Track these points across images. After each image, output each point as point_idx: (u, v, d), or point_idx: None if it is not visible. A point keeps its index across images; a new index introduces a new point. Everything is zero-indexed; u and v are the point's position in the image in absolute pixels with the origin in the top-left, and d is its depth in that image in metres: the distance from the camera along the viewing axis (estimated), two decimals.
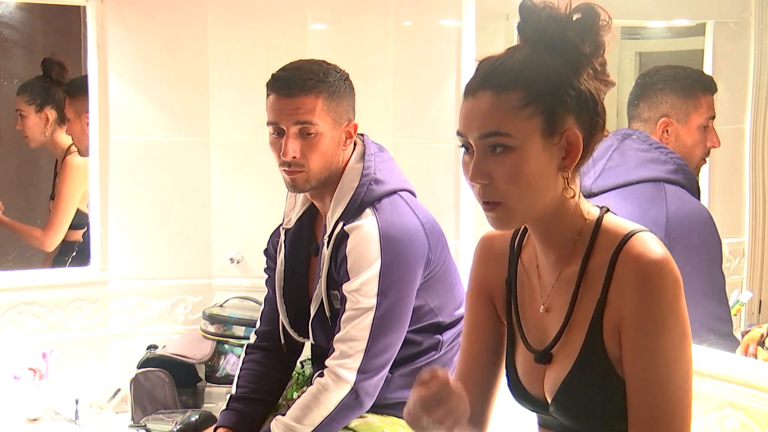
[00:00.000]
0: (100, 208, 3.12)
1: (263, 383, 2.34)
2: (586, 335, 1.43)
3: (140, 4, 3.09)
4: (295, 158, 2.14)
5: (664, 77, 2.24)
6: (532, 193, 1.40)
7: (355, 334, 2.09)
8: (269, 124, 2.18)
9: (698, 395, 1.93)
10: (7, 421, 2.87)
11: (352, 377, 2.08)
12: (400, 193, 2.20)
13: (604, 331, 1.42)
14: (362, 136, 2.27)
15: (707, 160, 2.22)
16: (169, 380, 2.92)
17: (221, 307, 3.13)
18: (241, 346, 2.68)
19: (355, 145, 2.24)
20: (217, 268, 3.21)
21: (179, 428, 2.63)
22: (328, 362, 2.11)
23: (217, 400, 2.90)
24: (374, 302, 2.09)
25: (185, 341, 3.07)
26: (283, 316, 2.33)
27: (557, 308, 1.49)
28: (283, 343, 2.36)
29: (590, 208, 1.48)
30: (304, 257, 2.32)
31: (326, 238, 2.17)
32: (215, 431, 2.28)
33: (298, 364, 2.50)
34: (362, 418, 2.17)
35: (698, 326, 1.97)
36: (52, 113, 3.46)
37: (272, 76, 2.19)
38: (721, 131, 2.18)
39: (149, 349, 3.08)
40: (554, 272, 1.49)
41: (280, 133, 2.16)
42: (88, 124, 3.15)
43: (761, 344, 1.92)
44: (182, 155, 3.17)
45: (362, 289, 2.09)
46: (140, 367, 2.97)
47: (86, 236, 3.23)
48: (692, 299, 1.97)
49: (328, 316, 2.20)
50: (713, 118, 2.18)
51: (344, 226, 2.14)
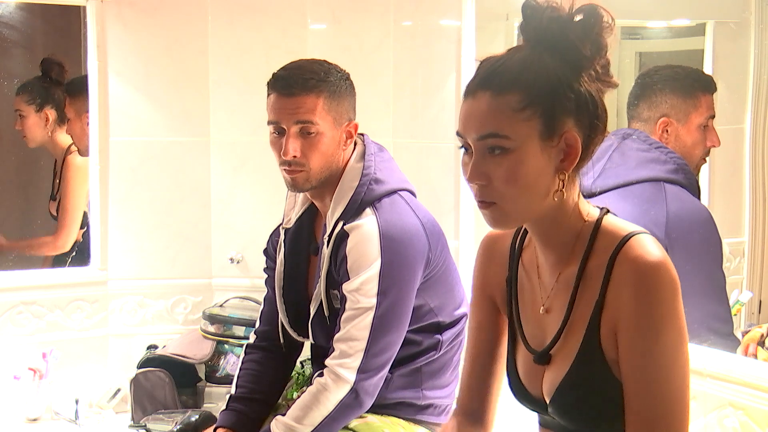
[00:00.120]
0: (100, 208, 3.13)
1: (263, 383, 2.33)
2: (583, 337, 1.43)
3: (140, 4, 3.09)
4: (295, 158, 2.14)
5: (663, 77, 2.24)
6: (529, 194, 1.39)
7: (355, 333, 2.09)
8: (270, 123, 2.18)
9: (698, 395, 1.93)
10: (7, 421, 2.87)
11: (351, 377, 2.08)
12: (400, 192, 2.20)
13: (601, 333, 1.42)
14: (362, 135, 2.27)
15: (707, 159, 2.22)
16: (169, 380, 2.92)
17: (221, 307, 3.13)
18: (241, 346, 2.68)
19: (355, 144, 2.24)
20: (217, 268, 3.22)
21: (179, 428, 2.63)
22: (327, 362, 2.11)
23: (217, 400, 2.90)
24: (374, 302, 2.09)
25: (185, 341, 3.07)
26: (282, 315, 2.33)
27: (557, 309, 1.49)
28: (282, 342, 2.36)
29: (590, 209, 1.48)
30: (303, 257, 2.32)
31: (326, 237, 2.17)
32: (215, 431, 2.28)
33: (298, 364, 2.49)
34: (362, 418, 2.17)
35: (699, 326, 1.98)
36: (51, 113, 3.45)
37: (273, 75, 2.19)
38: (721, 131, 2.18)
39: (149, 349, 3.08)
40: (554, 273, 1.49)
41: (280, 132, 2.16)
42: (88, 123, 3.16)
43: (761, 344, 1.91)
44: (182, 155, 3.17)
45: (362, 288, 2.09)
46: (140, 367, 2.97)
47: (86, 236, 3.23)
48: (692, 299, 1.98)
49: (327, 315, 2.20)
50: (713, 117, 2.18)
51: (344, 225, 2.14)
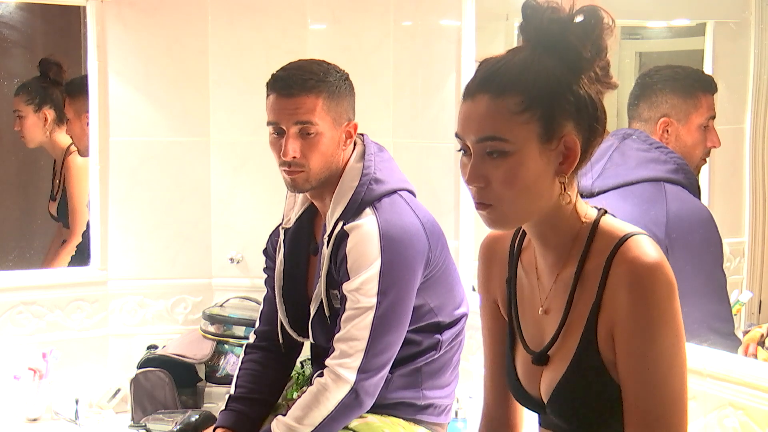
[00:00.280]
0: (100, 208, 3.13)
1: (262, 383, 2.33)
2: (581, 338, 1.43)
3: (140, 4, 3.09)
4: (295, 158, 2.14)
5: (664, 77, 2.23)
6: (527, 197, 1.39)
7: (355, 333, 2.09)
8: (269, 124, 2.18)
9: (698, 395, 1.93)
10: (7, 421, 2.87)
11: (352, 377, 2.08)
12: (400, 192, 2.19)
13: (598, 334, 1.41)
14: (362, 135, 2.27)
15: (707, 160, 2.22)
16: (169, 380, 2.92)
17: (221, 307, 3.14)
18: (241, 346, 2.68)
19: (355, 144, 2.24)
20: (217, 268, 3.22)
21: (179, 428, 2.63)
22: (328, 362, 2.11)
23: (217, 400, 2.90)
24: (374, 301, 2.09)
25: (185, 341, 3.07)
26: (282, 315, 2.33)
27: (555, 310, 1.48)
28: (281, 342, 2.36)
29: (588, 210, 1.47)
30: (303, 257, 2.31)
31: (326, 237, 2.17)
32: (214, 431, 2.28)
33: (298, 364, 2.49)
34: (362, 418, 2.17)
35: (699, 326, 1.97)
36: (50, 113, 3.46)
37: (272, 76, 2.18)
38: (721, 131, 2.18)
39: (149, 349, 3.08)
40: (552, 274, 1.49)
41: (280, 133, 2.16)
42: (87, 123, 3.16)
43: (761, 344, 1.91)
44: (182, 155, 3.17)
45: (362, 288, 2.09)
46: (140, 367, 2.97)
47: (86, 236, 3.23)
48: (693, 299, 1.98)
49: (327, 315, 2.19)
50: (713, 117, 2.18)
51: (344, 225, 2.14)
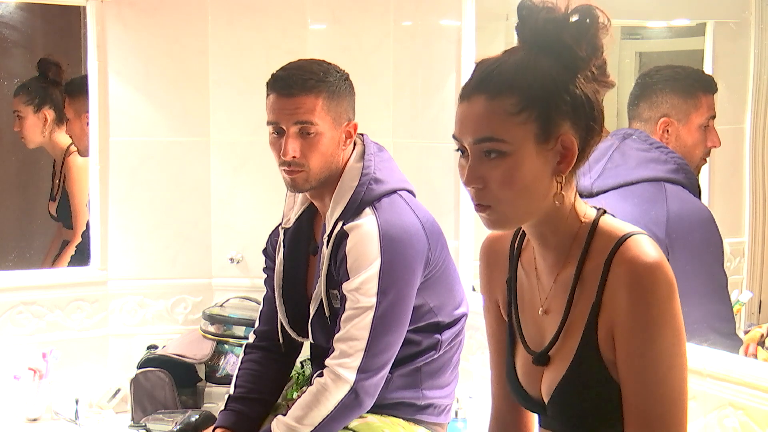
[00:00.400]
0: (100, 208, 3.13)
1: (262, 383, 2.33)
2: (581, 338, 1.43)
3: (140, 4, 3.09)
4: (295, 158, 2.14)
5: (664, 77, 2.23)
6: (525, 197, 1.39)
7: (354, 333, 2.09)
8: (269, 123, 2.18)
9: (698, 395, 1.93)
10: (7, 421, 2.87)
11: (351, 377, 2.08)
12: (399, 192, 2.19)
13: (599, 334, 1.41)
14: (362, 135, 2.27)
15: (707, 160, 2.22)
16: (169, 380, 2.92)
17: (221, 307, 3.14)
18: (241, 346, 2.68)
19: (354, 144, 2.24)
20: (217, 268, 3.22)
21: (179, 428, 2.63)
22: (327, 362, 2.11)
23: (217, 400, 2.90)
24: (374, 301, 2.09)
25: (185, 341, 3.07)
26: (282, 315, 2.33)
27: (555, 310, 1.48)
28: (281, 342, 2.36)
29: (587, 210, 1.47)
30: (303, 257, 2.31)
31: (326, 237, 2.17)
32: (214, 431, 2.28)
33: (298, 363, 2.49)
34: (362, 418, 2.16)
35: (700, 326, 1.97)
36: (50, 113, 3.45)
37: (272, 75, 2.18)
38: (721, 131, 2.18)
39: (149, 349, 3.08)
40: (552, 274, 1.49)
41: (279, 132, 2.16)
42: (87, 123, 3.16)
43: (761, 344, 1.91)
44: (182, 155, 3.17)
45: (362, 288, 2.09)
46: (140, 367, 2.97)
47: (86, 236, 3.23)
48: (694, 298, 1.98)
49: (327, 315, 2.19)
50: (714, 117, 2.18)
51: (344, 225, 2.14)
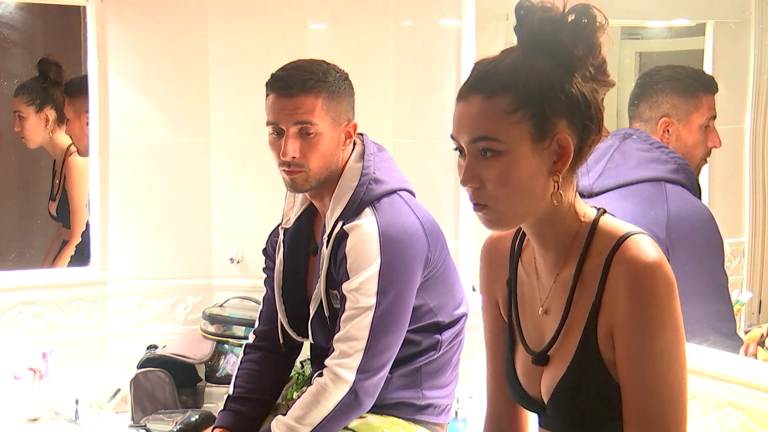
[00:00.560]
0: (100, 208, 3.13)
1: (261, 383, 2.33)
2: (581, 338, 1.43)
3: (140, 4, 3.09)
4: (294, 158, 2.14)
5: (664, 77, 2.23)
6: (521, 196, 1.39)
7: (354, 333, 2.09)
8: (269, 124, 2.17)
9: (698, 395, 1.93)
10: (7, 421, 2.87)
11: (351, 377, 2.08)
12: (399, 192, 2.19)
13: (598, 334, 1.41)
14: (361, 135, 2.26)
15: (708, 160, 2.22)
16: (169, 380, 2.92)
17: (221, 307, 3.14)
18: (241, 346, 2.67)
19: (354, 144, 2.24)
20: (217, 268, 3.22)
21: (179, 428, 2.63)
22: (327, 362, 2.10)
23: (217, 400, 2.90)
24: (374, 301, 2.09)
25: (185, 341, 3.07)
26: (282, 315, 2.33)
27: (555, 310, 1.48)
28: (281, 342, 2.36)
29: (587, 209, 1.47)
30: (303, 257, 2.31)
31: (325, 237, 2.17)
32: (213, 431, 2.28)
33: (297, 363, 2.49)
34: (362, 418, 2.16)
35: (701, 325, 1.97)
36: (51, 113, 3.45)
37: (272, 76, 2.18)
38: (721, 131, 2.18)
39: (149, 349, 3.08)
40: (552, 274, 1.49)
41: (279, 133, 2.16)
42: (87, 123, 3.16)
43: (761, 344, 1.91)
44: (182, 155, 3.17)
45: (362, 288, 2.09)
46: (140, 367, 2.97)
47: (86, 236, 3.23)
48: (694, 299, 1.98)
49: (327, 315, 2.19)
50: (714, 118, 2.18)
51: (343, 225, 2.14)
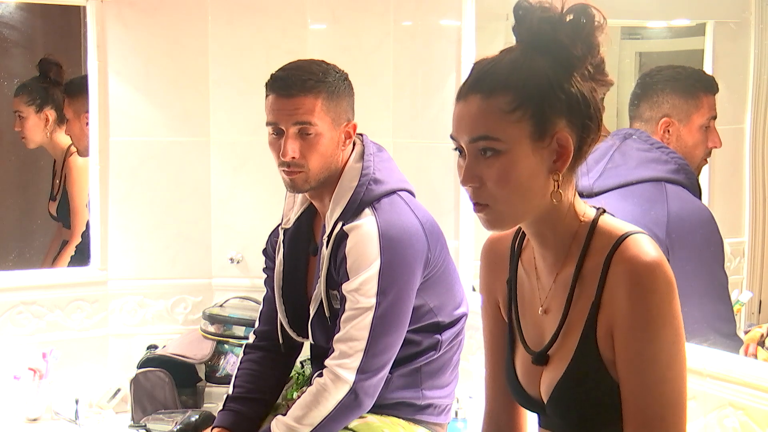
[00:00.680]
0: (100, 208, 3.13)
1: (261, 383, 2.33)
2: (580, 338, 1.43)
3: (140, 4, 3.09)
4: (294, 159, 2.14)
5: (665, 77, 2.23)
6: (521, 195, 1.39)
7: (354, 333, 2.09)
8: (268, 124, 2.17)
9: (698, 395, 1.93)
10: (7, 421, 2.87)
11: (351, 377, 2.08)
12: (399, 193, 2.19)
13: (598, 333, 1.41)
14: (361, 136, 2.26)
15: (708, 160, 2.22)
16: (169, 380, 2.92)
17: (221, 307, 3.14)
18: (241, 346, 2.68)
19: (354, 145, 2.24)
20: (217, 268, 3.22)
21: (179, 428, 2.63)
22: (327, 362, 2.10)
23: (217, 400, 2.90)
24: (374, 302, 2.09)
25: (185, 341, 3.07)
26: (282, 316, 2.33)
27: (555, 310, 1.48)
28: (281, 343, 2.35)
29: (586, 209, 1.47)
30: (303, 257, 2.31)
31: (325, 237, 2.17)
32: (212, 431, 2.28)
33: (298, 363, 2.49)
34: (362, 418, 2.16)
35: (701, 326, 1.97)
36: (51, 114, 3.46)
37: (271, 76, 2.18)
38: (721, 131, 2.18)
39: (149, 349, 3.08)
40: (552, 274, 1.49)
41: (279, 133, 2.16)
42: (87, 123, 3.16)
43: (761, 344, 1.91)
44: (182, 155, 3.17)
45: (362, 288, 2.09)
46: (140, 367, 2.97)
47: (86, 236, 3.23)
48: (694, 299, 1.97)
49: (327, 316, 2.19)
50: (715, 118, 2.17)
51: (343, 225, 2.14)
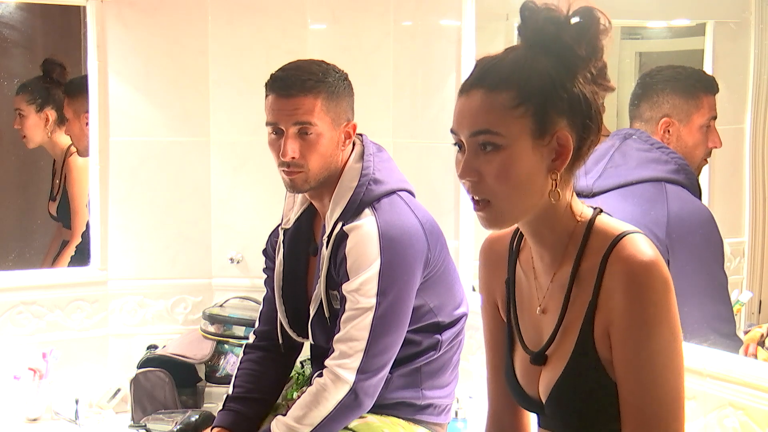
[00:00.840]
0: (100, 208, 3.13)
1: (261, 383, 2.33)
2: (577, 337, 1.43)
3: (140, 4, 3.09)
4: (294, 159, 2.13)
5: (665, 77, 2.23)
6: (520, 192, 1.40)
7: (354, 334, 2.09)
8: (268, 124, 2.17)
9: (698, 395, 1.93)
10: (7, 421, 2.87)
11: (351, 377, 2.08)
12: (399, 193, 2.19)
13: (595, 333, 1.42)
14: (361, 136, 2.26)
15: (708, 160, 2.22)
16: (169, 380, 2.92)
17: (221, 307, 3.14)
18: (241, 346, 2.68)
19: (354, 145, 2.24)
20: (217, 268, 3.22)
21: (179, 428, 2.63)
22: (327, 362, 2.10)
23: (217, 400, 2.90)
24: (374, 302, 2.08)
25: (185, 341, 3.07)
26: (282, 316, 2.33)
27: (552, 310, 1.49)
28: (281, 343, 2.35)
29: (583, 209, 1.48)
30: (303, 257, 2.31)
31: (325, 238, 2.17)
32: (212, 431, 2.28)
33: (298, 363, 2.49)
34: (362, 418, 2.16)
35: (700, 326, 1.97)
36: (52, 114, 3.46)
37: (271, 76, 2.18)
38: (721, 131, 2.18)
39: (149, 349, 3.08)
40: (549, 274, 1.49)
41: (279, 133, 2.16)
42: (86, 123, 3.16)
43: (761, 344, 1.91)
44: (182, 155, 3.17)
45: (362, 288, 2.09)
46: (140, 367, 2.98)
47: (86, 236, 3.23)
48: (694, 299, 1.98)
49: (327, 316, 2.19)
50: (715, 118, 2.17)
51: (343, 226, 2.14)
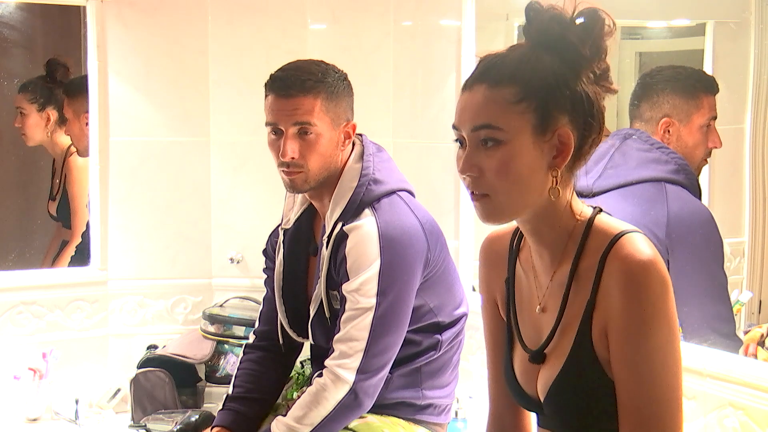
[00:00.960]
0: (100, 208, 3.13)
1: (261, 383, 2.33)
2: (575, 337, 1.43)
3: (140, 4, 3.09)
4: (293, 159, 2.13)
5: (665, 77, 2.23)
6: (520, 188, 1.40)
7: (354, 334, 2.09)
8: (268, 124, 2.17)
9: (698, 395, 1.93)
10: (7, 421, 2.87)
11: (351, 377, 2.08)
12: (398, 193, 2.19)
13: (593, 332, 1.42)
14: (361, 136, 2.26)
15: (708, 160, 2.22)
16: (169, 380, 2.92)
17: (221, 307, 3.14)
18: (241, 346, 2.68)
19: (353, 145, 2.24)
20: (217, 268, 3.22)
21: (179, 428, 2.63)
22: (327, 362, 2.10)
23: (217, 400, 2.90)
24: (374, 302, 2.09)
25: (185, 341, 3.07)
26: (282, 316, 2.33)
27: (552, 309, 1.49)
28: (281, 343, 2.36)
29: (583, 208, 1.48)
30: (303, 257, 2.31)
31: (325, 238, 2.17)
32: (211, 431, 2.28)
33: (298, 363, 2.49)
34: (362, 418, 2.16)
35: (700, 326, 1.97)
36: (53, 113, 3.46)
37: (270, 76, 2.18)
38: (721, 131, 2.18)
39: (149, 349, 3.08)
40: (549, 272, 1.49)
41: (278, 133, 2.16)
42: (86, 124, 3.16)
43: (761, 344, 1.91)
44: (182, 155, 3.17)
45: (362, 289, 2.09)
46: (140, 367, 2.98)
47: (86, 236, 3.23)
48: (694, 299, 1.98)
49: (327, 316, 2.19)
50: (715, 118, 2.17)
51: (343, 226, 2.14)
